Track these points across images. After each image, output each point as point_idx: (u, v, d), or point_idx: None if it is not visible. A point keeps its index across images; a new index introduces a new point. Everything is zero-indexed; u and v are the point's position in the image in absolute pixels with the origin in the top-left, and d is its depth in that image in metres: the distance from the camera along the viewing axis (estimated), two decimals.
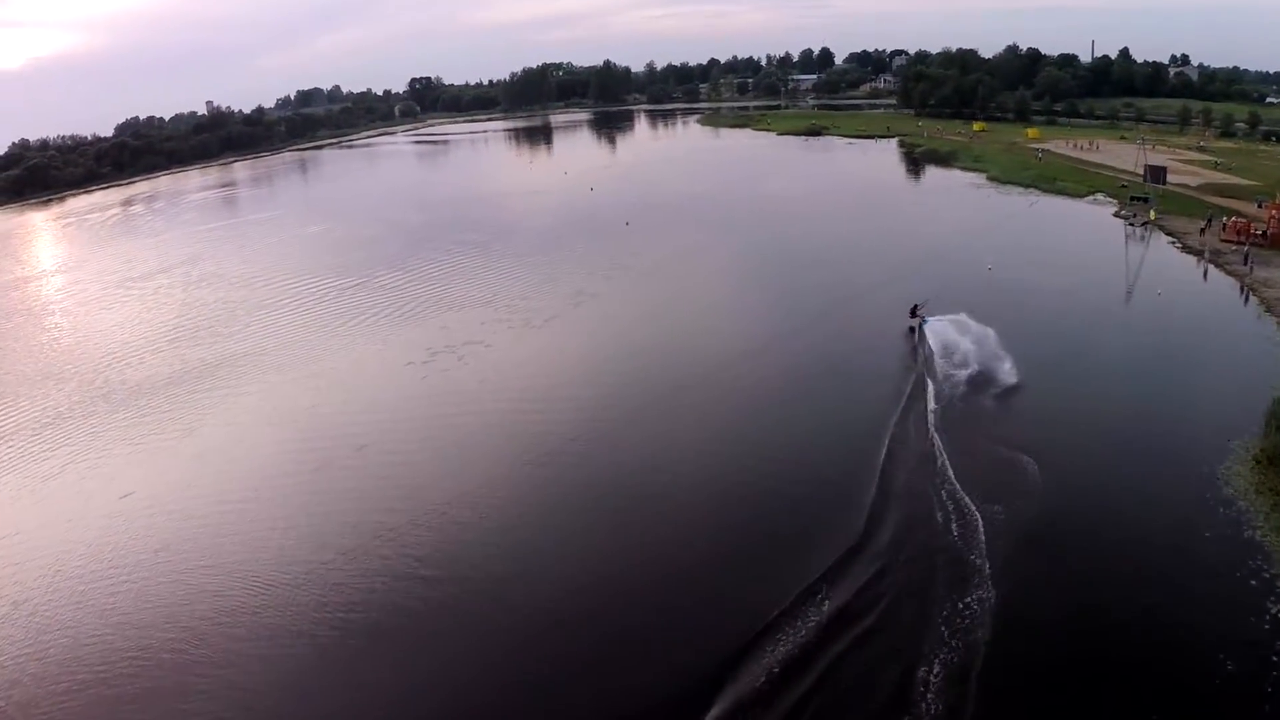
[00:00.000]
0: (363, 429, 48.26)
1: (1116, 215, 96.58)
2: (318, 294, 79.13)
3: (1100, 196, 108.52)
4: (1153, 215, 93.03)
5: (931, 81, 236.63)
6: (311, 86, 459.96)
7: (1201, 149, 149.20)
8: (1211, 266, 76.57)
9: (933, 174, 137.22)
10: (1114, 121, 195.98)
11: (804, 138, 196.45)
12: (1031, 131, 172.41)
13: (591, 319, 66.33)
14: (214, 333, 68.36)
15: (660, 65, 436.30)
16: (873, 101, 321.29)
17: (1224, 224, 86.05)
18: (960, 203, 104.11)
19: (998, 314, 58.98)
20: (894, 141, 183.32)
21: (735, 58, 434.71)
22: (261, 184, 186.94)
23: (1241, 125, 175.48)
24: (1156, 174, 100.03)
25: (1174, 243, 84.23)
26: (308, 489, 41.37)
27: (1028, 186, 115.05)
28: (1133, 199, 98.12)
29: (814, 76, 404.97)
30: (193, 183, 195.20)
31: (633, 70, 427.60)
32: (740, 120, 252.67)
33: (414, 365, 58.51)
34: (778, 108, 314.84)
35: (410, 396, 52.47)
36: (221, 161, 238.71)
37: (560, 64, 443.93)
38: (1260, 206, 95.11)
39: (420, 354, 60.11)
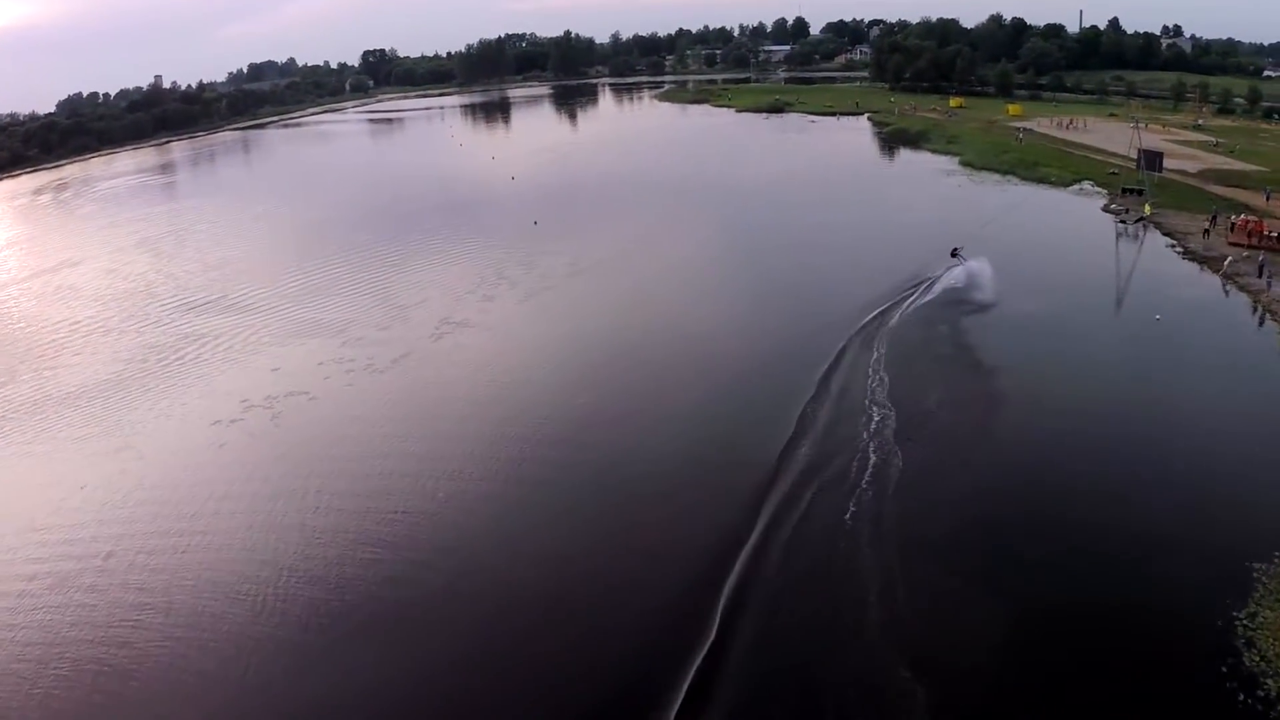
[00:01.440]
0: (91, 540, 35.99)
1: (1106, 210, 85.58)
2: (155, 319, 66.74)
3: (1087, 185, 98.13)
4: (1148, 210, 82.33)
5: (907, 54, 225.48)
6: (265, 60, 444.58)
7: (1199, 128, 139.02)
8: (1220, 278, 66.70)
9: (899, 158, 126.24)
10: (1103, 97, 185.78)
11: (765, 115, 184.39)
12: (1013, 108, 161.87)
13: (445, 360, 54.11)
14: None
15: (626, 36, 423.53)
16: (847, 74, 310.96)
17: (1231, 222, 74.64)
18: (924, 198, 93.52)
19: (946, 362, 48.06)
20: (863, 119, 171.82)
21: (706, 28, 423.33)
22: (183, 169, 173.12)
23: (1240, 101, 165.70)
24: (1152, 160, 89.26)
25: (1173, 246, 73.72)
26: None
27: (1005, 173, 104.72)
28: (1124, 191, 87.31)
29: (786, 48, 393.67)
30: (120, 166, 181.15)
31: (597, 41, 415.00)
32: (700, 95, 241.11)
33: (220, 425, 46.23)
34: (746, 81, 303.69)
35: (189, 483, 40.13)
36: (156, 142, 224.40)
37: (523, 35, 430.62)
38: (1269, 199, 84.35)
39: (232, 408, 47.81)
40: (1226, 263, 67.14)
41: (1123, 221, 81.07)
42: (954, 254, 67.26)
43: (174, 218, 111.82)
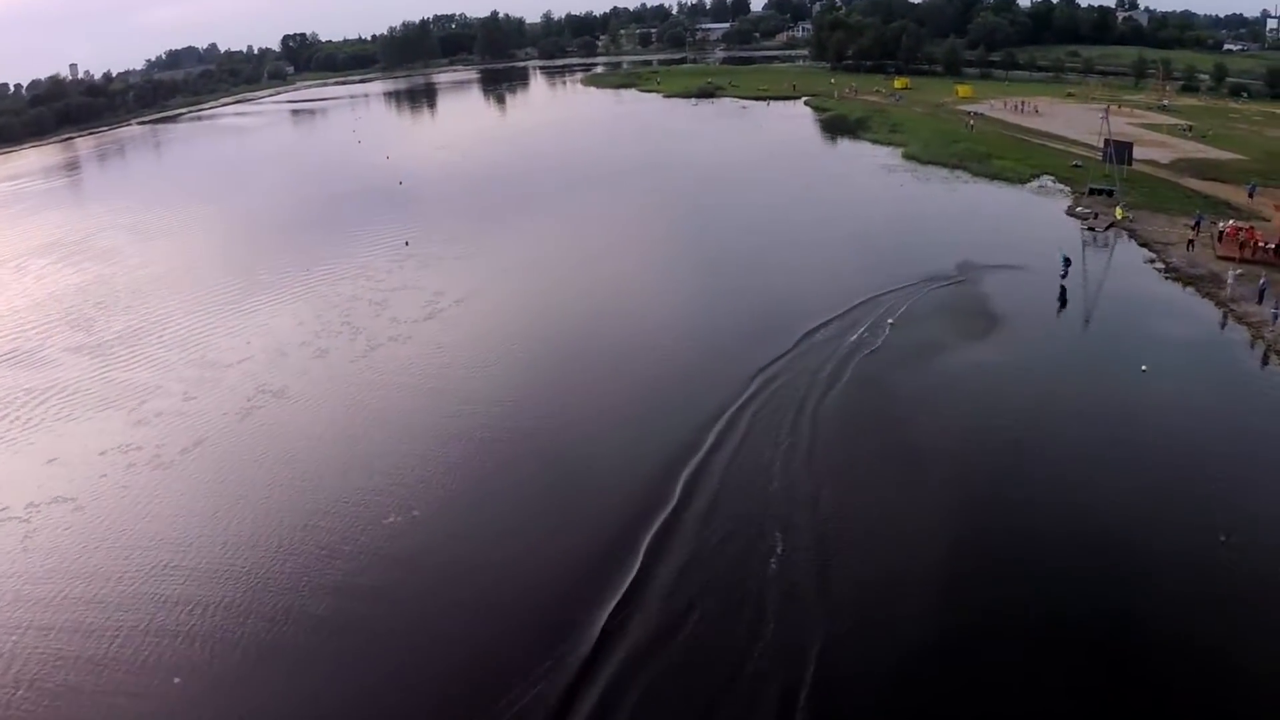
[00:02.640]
0: None
1: (1071, 214, 74.48)
2: None
3: (1048, 181, 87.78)
4: (1120, 214, 71.25)
5: (849, 31, 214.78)
6: (185, 45, 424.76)
7: (1165, 109, 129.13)
8: (1209, 302, 57.57)
9: (836, 151, 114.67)
10: (1058, 75, 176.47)
11: (694, 101, 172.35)
12: (962, 89, 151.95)
13: (244, 450, 42.15)
14: None
15: (559, 15, 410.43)
16: (789, 53, 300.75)
17: (1219, 230, 64.38)
18: (856, 205, 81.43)
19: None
20: (800, 103, 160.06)
21: (643, 5, 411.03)
22: (67, 172, 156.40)
23: (1204, 78, 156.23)
24: (1120, 151, 78.94)
25: (1153, 260, 63.73)
26: None
27: (954, 168, 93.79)
28: (1092, 190, 76.77)
29: (725, 25, 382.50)
30: (14, 167, 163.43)
31: (528, 21, 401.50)
32: (627, 79, 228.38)
33: None
34: (683, 61, 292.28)
35: None
36: (59, 138, 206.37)
37: (452, 16, 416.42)
38: (1253, 195, 73.79)
39: None
40: (1230, 284, 56.20)
41: (1091, 229, 70.48)
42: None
43: (23, 238, 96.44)
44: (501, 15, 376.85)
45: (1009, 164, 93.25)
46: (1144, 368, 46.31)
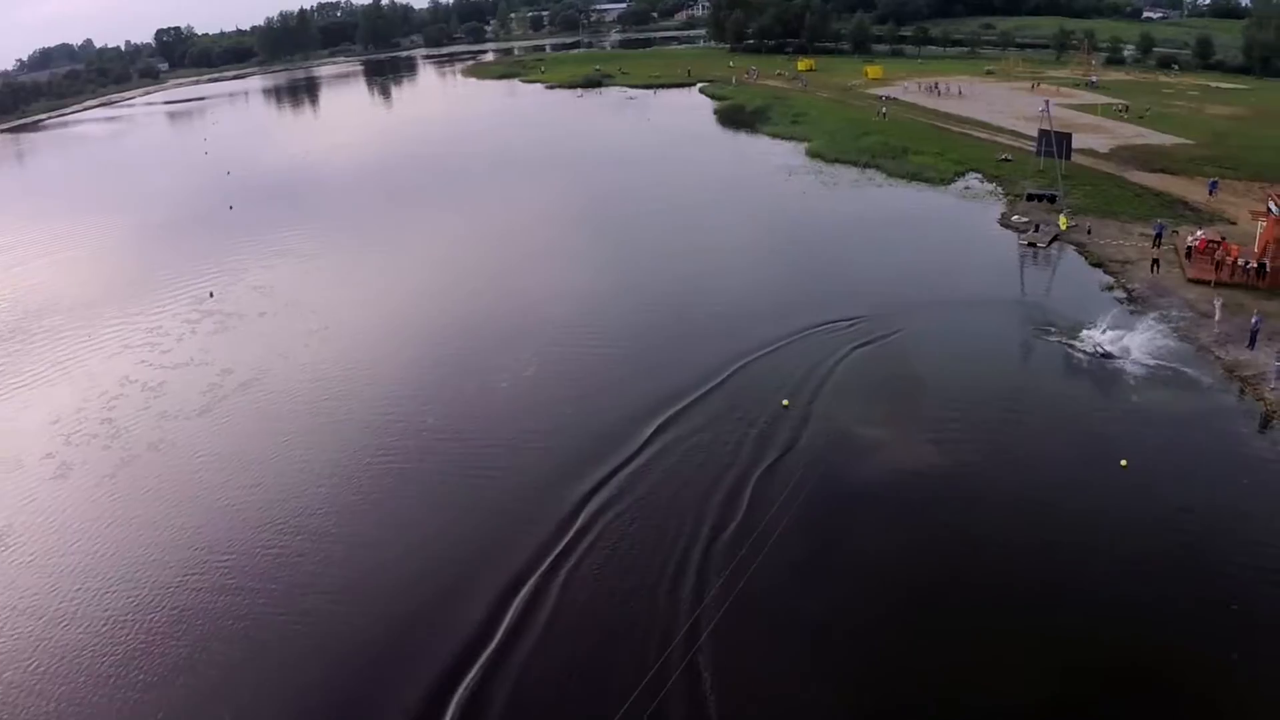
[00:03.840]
0: None
1: (1006, 224, 62.61)
2: None
3: (975, 181, 76.78)
4: (1064, 223, 59.77)
5: (748, 8, 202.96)
6: (58, 43, 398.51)
7: (1094, 86, 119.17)
8: (1189, 346, 46.90)
9: (729, 149, 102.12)
10: (974, 50, 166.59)
11: (579, 92, 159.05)
12: (872, 69, 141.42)
13: None
14: None
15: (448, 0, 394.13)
16: (689, 33, 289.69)
17: (1187, 245, 56.43)
18: (748, 220, 70.32)
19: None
20: (695, 91, 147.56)
21: None
22: None
23: (1131, 50, 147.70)
24: (1059, 143, 66.84)
25: (1111, 287, 53.65)
26: None
27: (866, 166, 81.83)
28: (1030, 195, 64.39)
29: (621, 5, 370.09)
30: None
31: (416, 7, 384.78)
32: (511, 68, 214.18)
33: None
34: (576, 46, 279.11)
35: None
36: None
37: (338, 3, 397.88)
38: (1214, 193, 63.60)
39: None
40: (1216, 320, 46.67)
41: (1032, 244, 58.56)
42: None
43: None
44: (386, 1, 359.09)
45: (928, 160, 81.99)
46: (1123, 462, 34.85)
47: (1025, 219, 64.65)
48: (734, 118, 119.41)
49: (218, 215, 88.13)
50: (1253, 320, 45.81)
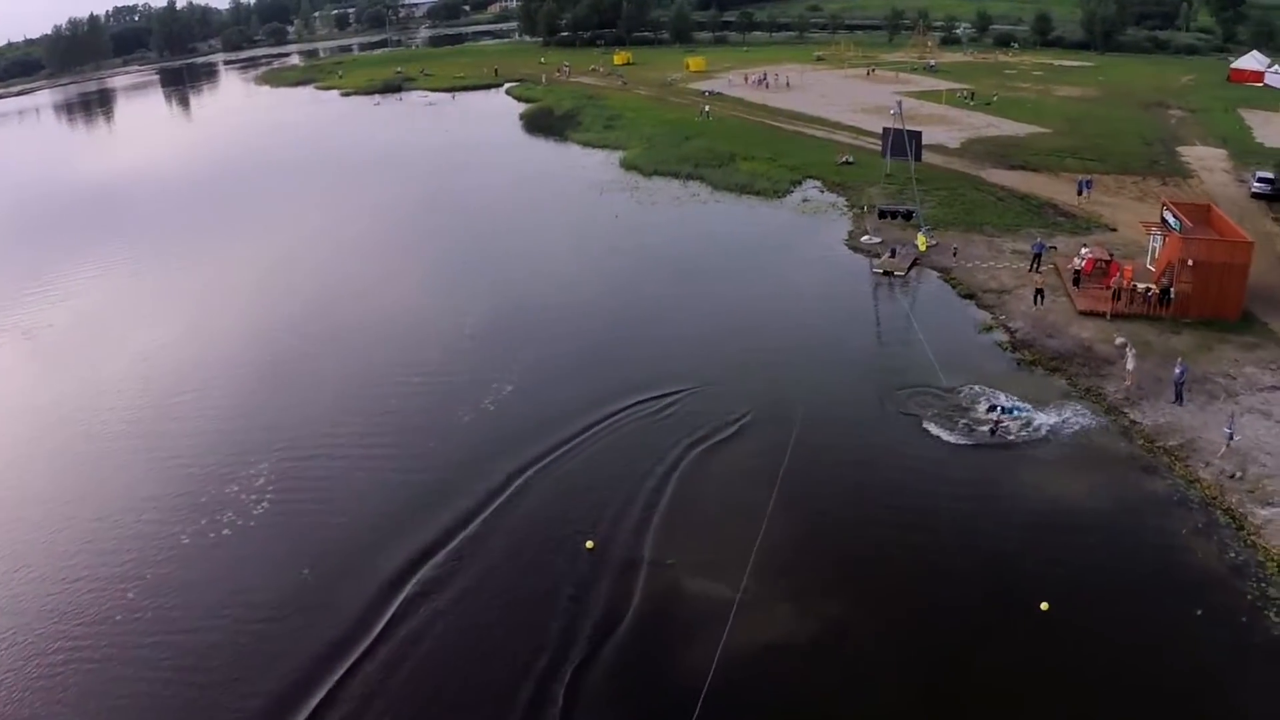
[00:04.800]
0: None
1: (855, 247, 52.35)
2: None
3: (814, 191, 67.62)
4: (923, 243, 49.67)
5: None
6: None
7: (932, 70, 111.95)
8: (1095, 407, 38.17)
9: (533, 161, 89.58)
10: (803, 34, 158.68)
11: (376, 99, 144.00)
12: (694, 61, 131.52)
13: None
14: None
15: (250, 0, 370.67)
16: (502, 28, 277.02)
17: (1074, 270, 48.54)
18: (541, 262, 58.46)
19: None
20: (503, 91, 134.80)
21: None
22: None
23: (967, 28, 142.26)
24: (909, 143, 57.29)
25: (990, 328, 45.04)
26: None
27: (688, 177, 71.15)
28: (882, 213, 54.22)
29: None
30: None
31: (217, 9, 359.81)
32: (307, 74, 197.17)
33: None
34: (383, 44, 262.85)
35: None
36: None
37: (135, 7, 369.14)
38: (1084, 192, 57.53)
39: None
40: (1128, 369, 38.23)
41: (888, 273, 48.17)
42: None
43: None
44: (184, 4, 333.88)
45: (760, 167, 72.07)
46: (1044, 605, 25.15)
47: (877, 239, 54.85)
48: (541, 123, 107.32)
49: None
50: (1175, 370, 36.60)
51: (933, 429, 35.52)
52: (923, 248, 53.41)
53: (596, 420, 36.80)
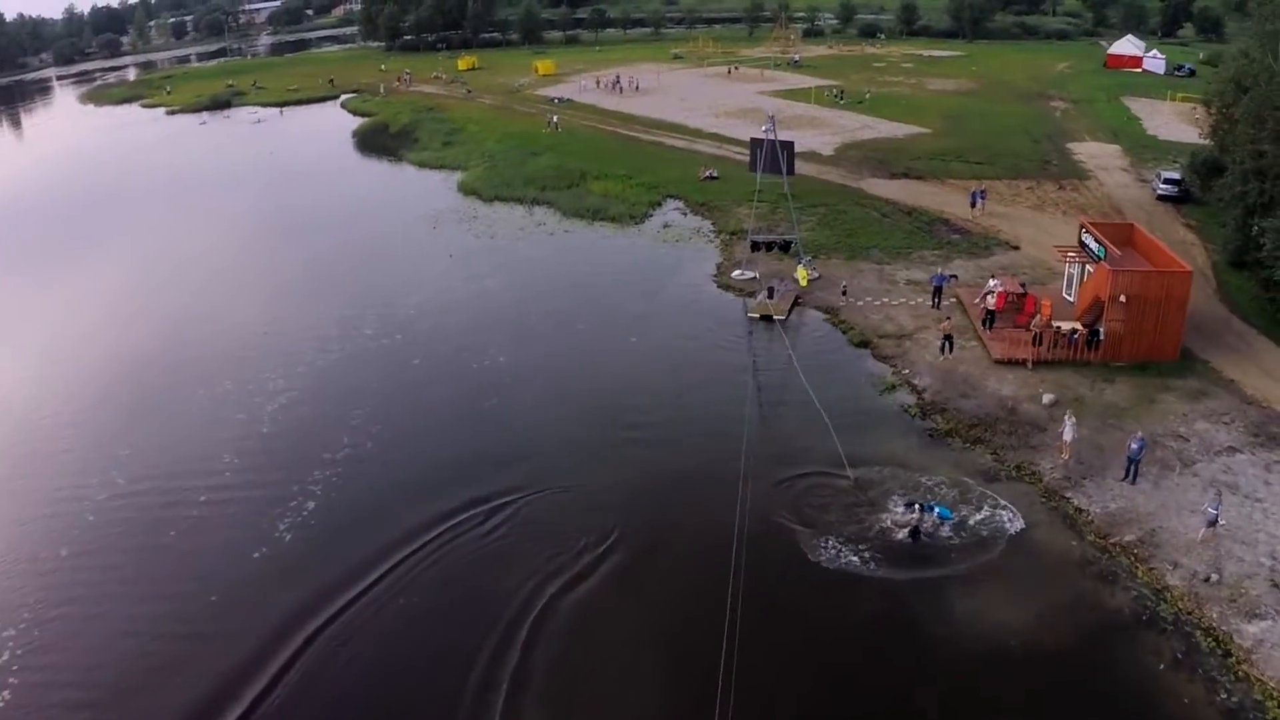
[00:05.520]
0: None
1: (724, 285, 46.63)
2: None
3: (675, 214, 60.32)
4: (803, 277, 41.92)
5: (404, 1, 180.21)
6: None
7: (796, 65, 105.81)
8: (1033, 490, 31.86)
9: (361, 188, 79.04)
10: (658, 30, 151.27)
11: (202, 117, 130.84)
12: (542, 64, 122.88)
13: None
14: None
15: (85, 9, 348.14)
16: (347, 32, 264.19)
17: (985, 308, 42.22)
18: (349, 318, 48.51)
19: None
20: (339, 104, 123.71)
21: None
22: None
23: (830, 19, 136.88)
24: (782, 155, 48.66)
25: (893, 387, 38.65)
26: None
27: (534, 203, 61.93)
28: (755, 245, 45.97)
29: (275, 3, 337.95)
30: None
31: (52, 21, 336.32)
32: (137, 89, 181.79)
33: None
34: (222, 53, 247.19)
35: None
36: None
37: None
38: (977, 204, 53.04)
39: None
40: (1066, 439, 32.47)
41: (766, 318, 40.22)
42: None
43: None
44: (14, 16, 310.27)
45: (614, 187, 63.96)
46: None
47: (751, 274, 47.04)
48: (375, 142, 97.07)
49: None
50: (1131, 445, 30.33)
51: (833, 550, 27.39)
52: (804, 283, 45.86)
53: (410, 552, 28.36)
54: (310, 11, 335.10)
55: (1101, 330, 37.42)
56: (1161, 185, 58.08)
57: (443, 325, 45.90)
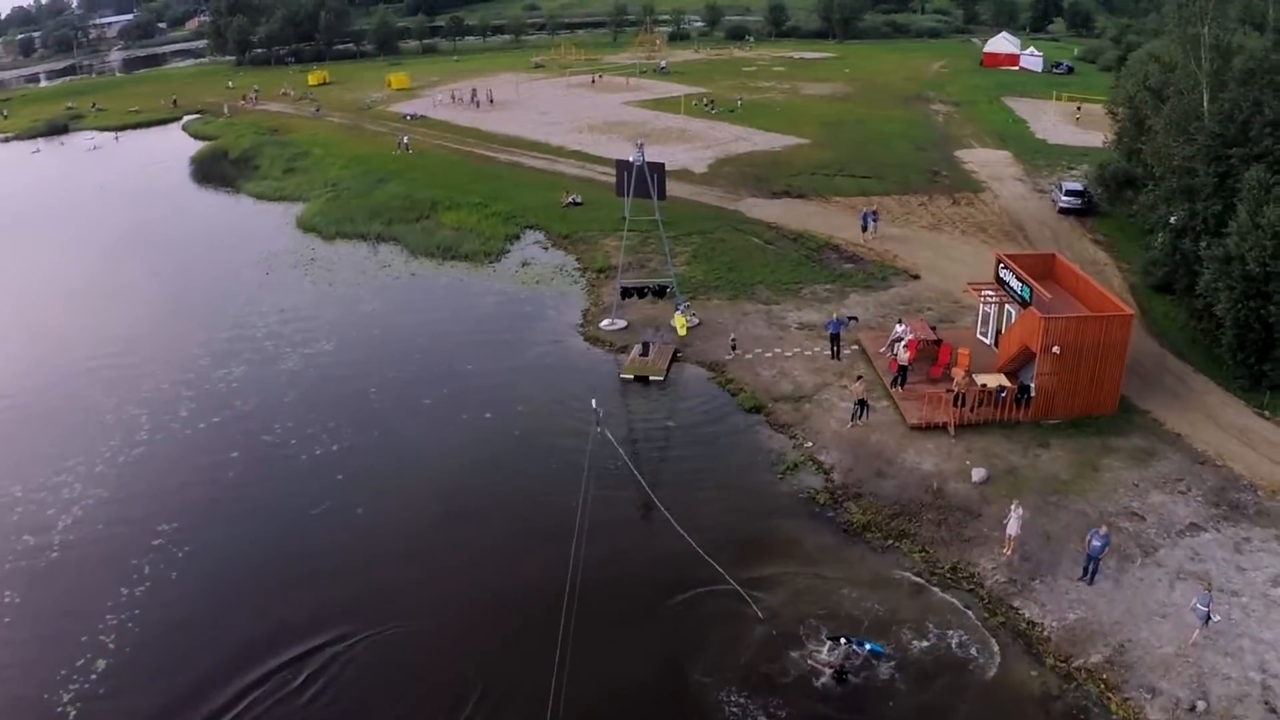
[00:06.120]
0: None
1: (592, 338, 40.22)
2: None
3: (536, 249, 55.24)
4: (681, 326, 34.68)
5: (253, 11, 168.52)
6: None
7: (663, 72, 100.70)
8: (980, 617, 25.77)
9: (189, 227, 69.16)
10: (519, 37, 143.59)
11: (40, 140, 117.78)
12: (396, 78, 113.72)
13: None
14: None
15: None
16: (202, 45, 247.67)
17: (888, 350, 36.58)
18: (172, 409, 38.24)
19: None
20: (180, 126, 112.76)
21: (38, 1, 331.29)
22: None
23: (697, 23, 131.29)
24: (651, 178, 41.03)
25: (795, 466, 33.52)
26: None
27: (379, 239, 55.71)
28: (626, 291, 38.95)
29: (129, 16, 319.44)
30: None
31: None
32: None
33: None
34: (72, 71, 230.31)
35: None
36: None
37: None
38: (869, 227, 48.72)
39: None
40: (1010, 535, 27.39)
41: (641, 378, 33.82)
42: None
43: None
44: None
45: (468, 218, 56.81)
46: None
47: (622, 324, 39.70)
48: (213, 170, 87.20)
49: None
50: (1092, 540, 24.78)
51: (736, 708, 20.94)
52: (682, 332, 38.97)
53: None
54: (164, 25, 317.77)
55: (1033, 387, 31.14)
56: (1063, 197, 53.12)
57: (269, 404, 37.82)
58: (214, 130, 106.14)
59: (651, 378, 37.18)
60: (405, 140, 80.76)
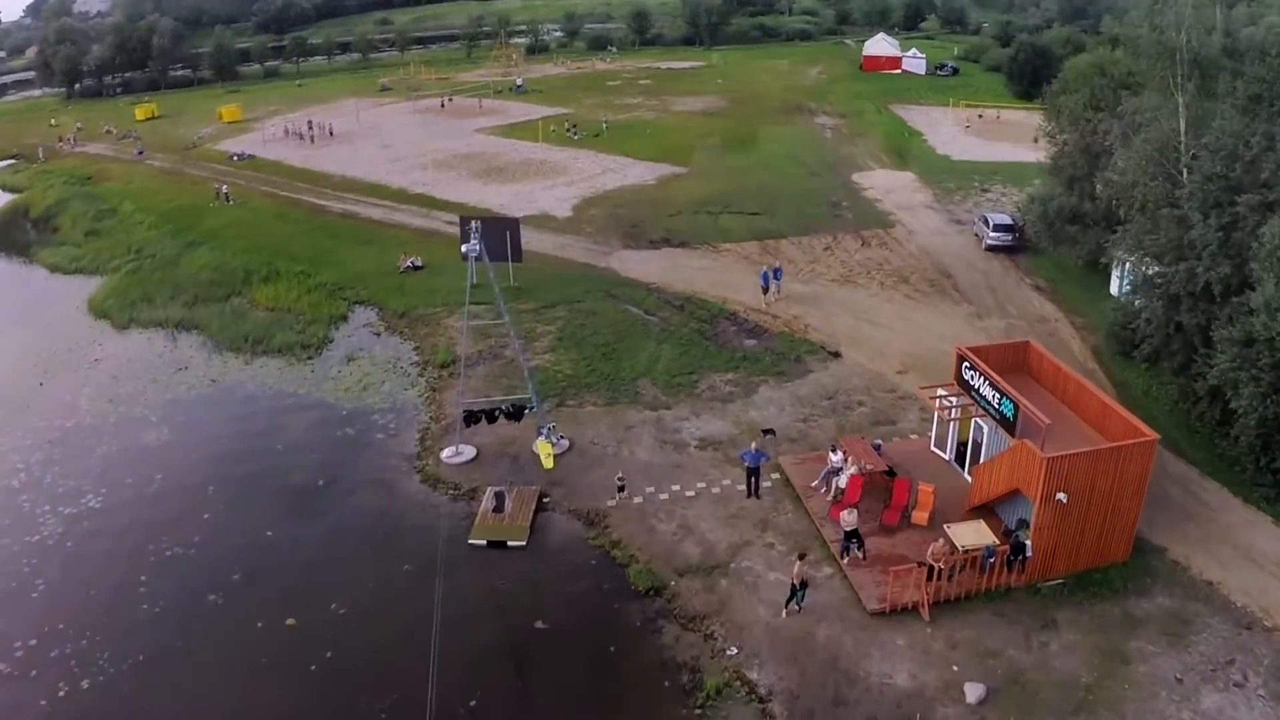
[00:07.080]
0: None
1: (431, 479, 31.25)
2: None
3: (365, 333, 44.56)
4: (547, 456, 25.95)
5: (80, 38, 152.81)
6: None
7: (520, 91, 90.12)
8: None
9: None
10: (367, 56, 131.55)
11: None
12: (227, 111, 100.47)
13: None
14: None
15: None
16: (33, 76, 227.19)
17: (830, 492, 26.88)
18: None
19: None
20: None
21: None
22: None
23: (556, 32, 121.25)
24: (502, 240, 30.52)
25: (714, 687, 23.25)
26: None
27: (180, 326, 45.80)
28: (470, 417, 28.06)
29: None
30: None
31: None
32: None
33: None
34: None
35: None
36: None
37: None
38: (771, 288, 41.67)
39: None
40: None
41: (496, 543, 22.83)
42: None
43: None
44: None
45: (287, 293, 46.47)
46: None
47: (469, 452, 29.11)
48: (10, 234, 73.35)
49: None
50: None
51: None
52: (548, 464, 28.41)
53: None
54: (2, 54, 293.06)
55: (1028, 545, 21.53)
56: (990, 233, 44.50)
57: (5, 608, 26.00)
58: (24, 180, 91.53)
59: (510, 543, 26.62)
60: (224, 189, 68.59)
